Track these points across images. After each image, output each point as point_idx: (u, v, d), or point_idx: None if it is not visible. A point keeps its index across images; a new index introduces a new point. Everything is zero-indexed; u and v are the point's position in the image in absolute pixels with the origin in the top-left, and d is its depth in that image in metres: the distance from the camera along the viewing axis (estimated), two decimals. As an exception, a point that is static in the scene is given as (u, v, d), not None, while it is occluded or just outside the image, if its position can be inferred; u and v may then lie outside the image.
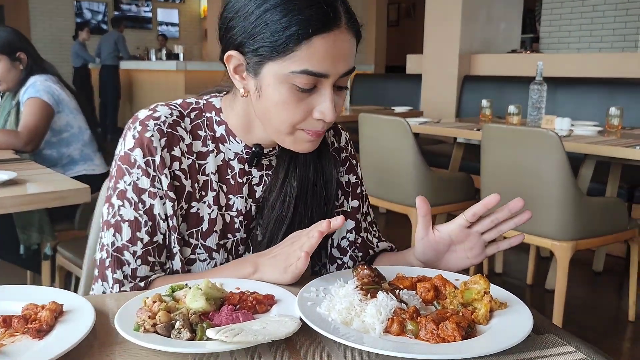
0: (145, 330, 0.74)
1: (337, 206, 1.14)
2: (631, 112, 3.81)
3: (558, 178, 2.44)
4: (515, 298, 0.85)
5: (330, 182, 1.10)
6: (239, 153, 1.05)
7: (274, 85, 0.90)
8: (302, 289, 0.87)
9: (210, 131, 1.04)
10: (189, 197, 1.02)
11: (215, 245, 1.05)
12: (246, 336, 0.70)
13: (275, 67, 0.89)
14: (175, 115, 1.02)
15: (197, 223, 1.04)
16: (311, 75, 0.88)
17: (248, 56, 0.92)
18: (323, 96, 0.91)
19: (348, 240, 1.14)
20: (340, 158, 1.15)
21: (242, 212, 1.06)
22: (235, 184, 1.05)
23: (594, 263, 3.49)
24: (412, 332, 0.75)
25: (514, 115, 3.32)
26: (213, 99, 1.06)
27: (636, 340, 2.66)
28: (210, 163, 1.04)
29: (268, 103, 0.93)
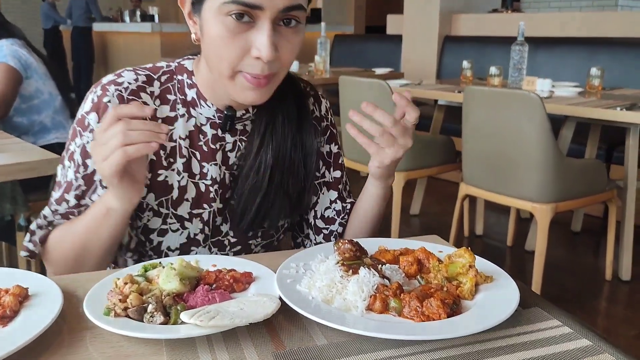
0: (116, 314, 0.71)
1: (319, 177, 1.10)
2: (611, 72, 3.80)
3: (539, 140, 2.43)
4: (500, 270, 0.83)
5: (310, 155, 1.05)
6: (211, 118, 1.00)
7: (211, 21, 0.86)
8: (282, 265, 0.84)
9: (181, 94, 1.00)
10: (152, 166, 0.98)
11: (187, 214, 1.01)
12: (222, 319, 0.67)
13: (211, 1, 0.86)
14: (141, 81, 0.98)
15: (166, 191, 1.00)
16: (241, 5, 0.82)
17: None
18: (260, 31, 0.85)
19: (334, 210, 1.11)
20: (321, 127, 1.10)
21: (217, 181, 1.02)
22: (208, 150, 1.01)
23: (573, 223, 3.52)
24: (396, 310, 0.73)
25: (495, 77, 3.28)
26: (186, 62, 1.02)
27: (613, 299, 2.71)
28: (180, 128, 0.99)
29: (208, 41, 0.89)
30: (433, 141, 3.23)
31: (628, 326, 2.45)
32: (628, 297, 2.72)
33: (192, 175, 1.01)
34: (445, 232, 3.06)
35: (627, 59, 3.91)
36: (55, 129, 2.61)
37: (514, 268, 3.12)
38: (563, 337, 0.70)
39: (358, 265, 0.80)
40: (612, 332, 2.41)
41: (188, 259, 0.84)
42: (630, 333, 2.40)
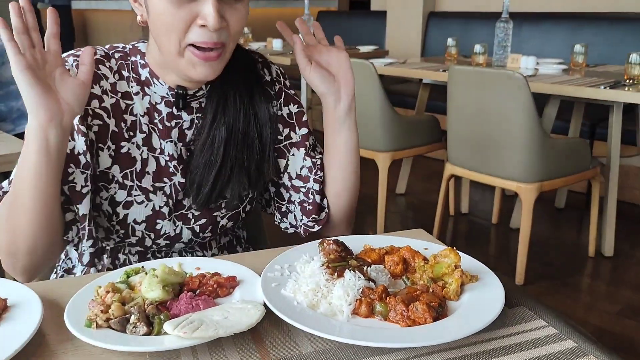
0: (98, 325, 0.70)
1: (282, 139, 1.10)
2: (596, 47, 3.80)
3: (523, 120, 2.43)
4: (486, 269, 0.83)
5: (265, 126, 1.04)
6: (165, 96, 1.01)
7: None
8: (266, 268, 0.83)
9: (134, 74, 1.01)
10: (115, 137, 0.99)
11: (151, 187, 1.02)
12: (206, 330, 0.66)
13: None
14: (100, 55, 1.00)
15: (130, 163, 1.00)
16: None
17: None
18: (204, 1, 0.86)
19: (306, 167, 1.10)
20: (274, 91, 1.09)
21: (175, 157, 1.02)
22: (163, 128, 1.02)
23: (556, 200, 3.55)
24: (381, 314, 0.72)
25: (480, 55, 3.26)
26: (139, 44, 1.03)
27: (596, 276, 2.75)
28: (138, 104, 1.01)
29: (154, 18, 0.90)
30: (418, 121, 3.22)
31: (611, 302, 2.49)
32: (610, 273, 2.76)
33: (152, 149, 1.02)
34: (431, 211, 3.07)
35: (611, 34, 3.91)
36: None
37: (499, 246, 3.15)
38: (548, 338, 0.70)
39: (343, 267, 0.79)
40: (595, 308, 2.45)
41: (170, 263, 0.83)
42: (613, 309, 2.44)
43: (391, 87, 4.40)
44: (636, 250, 2.98)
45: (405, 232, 1.03)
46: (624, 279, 2.70)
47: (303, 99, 4.39)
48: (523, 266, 2.62)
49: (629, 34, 3.84)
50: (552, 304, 2.47)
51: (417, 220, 3.47)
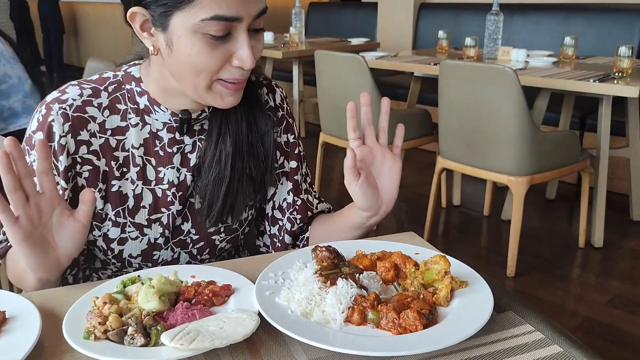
0: (96, 337, 0.71)
1: (277, 167, 1.10)
2: (585, 38, 3.82)
3: (514, 114, 2.45)
4: (475, 274, 0.84)
5: (266, 134, 1.04)
6: (168, 122, 1.00)
7: (186, 37, 0.85)
8: (260, 276, 0.85)
9: (132, 103, 0.99)
10: (105, 177, 0.98)
11: (145, 221, 1.01)
12: (202, 342, 0.68)
13: (184, 17, 0.83)
14: (87, 95, 0.97)
15: (121, 201, 1.00)
16: (223, 21, 0.83)
17: (152, 9, 0.85)
18: (239, 42, 0.86)
19: (286, 202, 1.11)
20: (277, 117, 1.10)
21: (175, 184, 1.02)
22: (164, 154, 1.01)
23: (547, 191, 3.59)
24: (374, 322, 0.74)
25: (471, 48, 3.27)
26: (132, 69, 1.00)
27: (585, 267, 2.79)
28: (132, 137, 0.99)
29: (181, 57, 0.87)
30: (410, 114, 3.23)
31: (600, 293, 2.53)
32: (600, 264, 2.80)
33: (147, 182, 1.00)
34: (423, 203, 3.10)
35: (600, 25, 3.93)
36: (26, 113, 2.55)
37: (491, 238, 3.18)
38: (535, 343, 0.72)
39: (336, 275, 0.81)
40: (584, 299, 2.49)
41: (166, 272, 0.84)
42: (602, 299, 2.48)
43: (382, 79, 4.41)
44: (625, 241, 3.02)
45: (396, 236, 1.05)
46: (613, 270, 2.74)
47: (295, 92, 4.40)
48: (514, 258, 2.66)
49: (618, 25, 3.87)
50: (542, 295, 2.52)
51: (410, 213, 3.50)
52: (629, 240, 3.02)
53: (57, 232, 0.84)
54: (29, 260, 0.83)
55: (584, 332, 2.26)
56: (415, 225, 3.22)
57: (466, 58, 3.28)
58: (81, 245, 0.87)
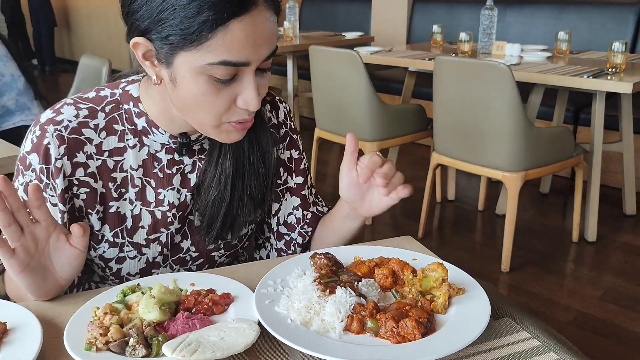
0: (98, 349, 0.72)
1: (281, 184, 1.09)
2: (579, 32, 3.83)
3: (508, 110, 2.46)
4: (472, 280, 0.85)
5: (267, 153, 1.02)
6: (166, 143, 0.98)
7: (190, 77, 0.82)
8: (259, 284, 0.85)
9: (129, 124, 0.96)
10: (103, 199, 0.96)
11: (144, 241, 1.00)
12: (204, 353, 0.68)
13: (190, 58, 0.80)
14: (83, 116, 0.94)
15: (119, 222, 0.98)
16: (231, 66, 0.80)
17: (157, 44, 0.82)
18: (245, 84, 0.83)
19: (295, 217, 1.11)
20: (280, 134, 1.08)
21: (175, 205, 1.00)
22: (164, 176, 0.99)
23: (541, 185, 3.61)
24: (372, 331, 0.75)
25: (465, 43, 3.27)
26: (130, 87, 0.97)
27: (579, 261, 2.82)
28: (130, 159, 0.96)
29: (185, 95, 0.84)
30: (405, 110, 3.24)
31: (593, 287, 2.56)
32: (593, 259, 2.83)
33: (146, 204, 0.99)
34: (418, 198, 3.11)
35: (594, 20, 3.94)
36: (20, 110, 2.54)
37: (485, 232, 3.20)
38: (532, 351, 0.73)
39: (335, 283, 0.82)
40: (578, 294, 2.51)
41: (166, 281, 0.85)
42: (595, 294, 2.50)
43: (377, 73, 4.41)
44: (618, 235, 3.05)
45: (394, 240, 1.05)
46: (606, 264, 2.76)
47: (289, 86, 4.39)
48: (509, 253, 2.68)
49: (612, 20, 3.88)
50: (536, 290, 2.54)
51: (405, 207, 3.51)
52: (622, 235, 3.05)
53: (54, 257, 0.84)
54: (29, 288, 0.84)
55: (577, 327, 2.29)
56: (410, 220, 3.23)
57: (460, 53, 3.29)
58: (80, 268, 0.88)
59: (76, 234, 0.84)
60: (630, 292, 2.51)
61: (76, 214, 0.96)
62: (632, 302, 2.43)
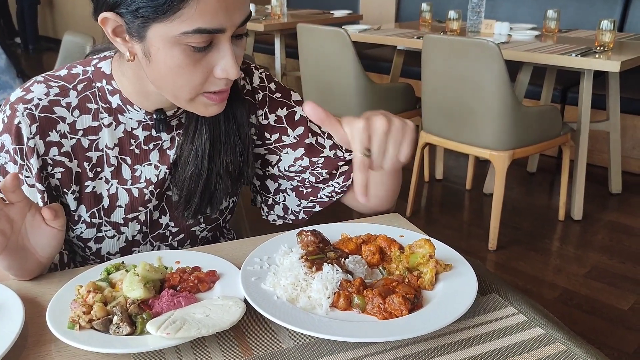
0: (81, 327, 0.71)
1: (272, 142, 1.05)
2: (568, 10, 3.81)
3: (496, 89, 2.45)
4: (458, 256, 0.85)
5: (242, 125, 0.99)
6: (143, 120, 0.95)
7: (165, 49, 0.79)
8: (245, 261, 0.84)
9: (103, 102, 0.94)
10: (78, 178, 0.94)
11: (122, 220, 0.99)
12: (189, 330, 0.68)
13: (163, 29, 0.77)
14: (54, 94, 0.91)
15: (96, 202, 0.96)
16: (206, 34, 0.78)
17: (127, 18, 0.79)
18: (222, 52, 0.81)
19: (301, 166, 1.06)
20: (257, 100, 1.04)
21: (152, 182, 0.98)
22: (141, 152, 0.96)
23: (529, 164, 3.62)
24: (359, 307, 0.75)
25: (454, 21, 3.25)
26: (102, 63, 0.94)
27: (565, 239, 2.84)
28: (106, 137, 0.94)
29: (161, 68, 0.82)
30: (393, 89, 3.22)
31: (578, 265, 2.58)
32: (579, 237, 2.85)
33: (122, 182, 0.97)
34: (406, 177, 3.10)
35: (583, -2, 3.93)
36: (2, 89, 2.51)
37: (473, 211, 3.21)
38: (518, 326, 0.74)
39: (321, 260, 0.81)
40: (563, 271, 2.54)
41: (151, 259, 0.84)
42: (580, 271, 2.53)
43: (365, 52, 4.37)
44: (604, 213, 3.07)
45: (381, 218, 1.05)
46: (591, 242, 2.79)
47: (277, 65, 4.35)
48: (496, 232, 2.69)
49: (601, -2, 3.86)
50: (522, 267, 2.56)
51: (393, 187, 3.51)
52: (608, 213, 3.08)
53: (32, 237, 0.82)
54: (10, 269, 0.83)
55: (562, 303, 2.31)
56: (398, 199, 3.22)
57: (449, 31, 3.27)
58: (59, 246, 0.86)
59: (48, 218, 0.81)
60: (615, 270, 2.54)
61: (53, 193, 0.94)
62: (617, 279, 2.46)
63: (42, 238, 0.83)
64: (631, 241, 2.78)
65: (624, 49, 2.79)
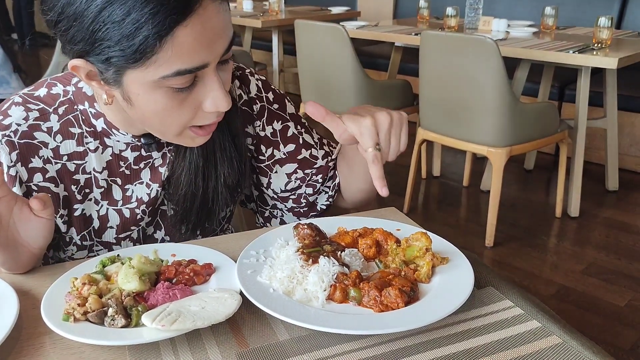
0: (76, 319, 0.70)
1: (266, 160, 1.03)
2: (566, 7, 3.81)
3: (494, 85, 2.45)
4: (455, 250, 0.85)
5: (237, 136, 0.95)
6: (131, 142, 0.92)
7: (146, 94, 0.75)
8: (242, 254, 0.84)
9: (87, 127, 0.90)
10: (67, 202, 0.92)
11: (114, 239, 0.97)
12: (184, 323, 0.67)
13: (140, 74, 0.72)
14: (33, 118, 0.87)
15: (86, 224, 0.94)
16: (188, 74, 0.73)
17: (99, 66, 0.74)
18: (209, 85, 0.76)
19: (296, 180, 1.04)
20: (255, 110, 1.00)
21: (144, 200, 0.95)
22: (131, 172, 0.93)
23: (526, 161, 3.62)
24: (355, 299, 0.74)
25: (452, 18, 3.25)
26: (83, 83, 0.89)
27: (562, 236, 2.84)
28: (93, 161, 0.91)
29: (144, 112, 0.77)
30: (391, 85, 3.22)
31: (575, 261, 2.59)
32: (576, 233, 2.86)
33: (113, 203, 0.94)
34: (404, 174, 3.11)
35: (581, -5, 3.92)
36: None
37: (470, 208, 3.21)
38: (515, 319, 0.73)
39: (318, 253, 0.81)
40: (560, 268, 2.54)
41: (147, 251, 0.83)
42: (577, 268, 2.53)
43: (363, 49, 4.37)
44: (600, 210, 3.08)
45: (378, 212, 1.05)
46: (588, 239, 2.79)
47: (275, 62, 4.34)
48: (493, 228, 2.69)
49: (599, -5, 3.86)
50: (519, 264, 2.56)
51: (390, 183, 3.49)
52: (604, 210, 3.08)
53: (21, 229, 0.80)
54: (4, 263, 0.82)
55: (559, 300, 2.31)
56: (396, 196, 3.23)
57: (447, 28, 3.26)
58: (50, 236, 0.84)
59: (36, 208, 0.78)
60: (611, 266, 2.54)
61: None
62: (613, 275, 2.47)
63: (32, 229, 0.81)
64: (628, 238, 2.79)
65: (622, 46, 2.79)
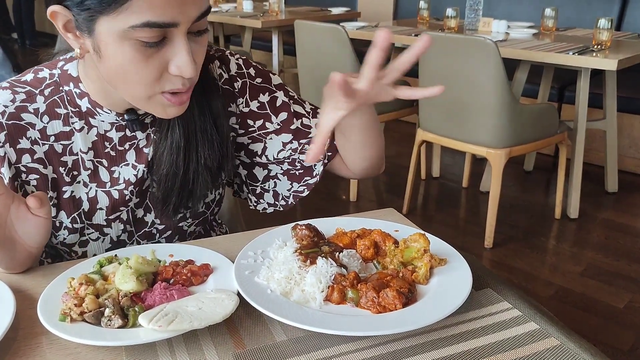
0: (72, 319, 0.70)
1: (256, 129, 1.02)
2: (565, 9, 3.81)
3: (494, 86, 2.45)
4: (454, 251, 0.85)
5: (219, 118, 0.95)
6: (115, 122, 0.93)
7: (114, 44, 0.75)
8: (239, 255, 0.84)
9: (73, 107, 0.91)
10: (55, 184, 0.93)
11: (104, 221, 0.98)
12: (181, 323, 0.67)
13: (111, 22, 0.73)
14: (20, 100, 0.89)
15: (75, 207, 0.95)
16: (156, 28, 0.73)
17: (74, 11, 0.75)
18: (177, 48, 0.76)
19: (291, 149, 1.03)
20: (236, 88, 1.00)
21: (132, 182, 0.96)
22: (117, 154, 0.94)
23: (525, 162, 3.62)
24: (353, 300, 0.74)
25: (452, 19, 3.25)
26: (68, 66, 0.91)
27: (561, 237, 2.84)
28: (79, 142, 0.92)
29: (111, 65, 0.78)
30: (390, 86, 3.21)
31: (574, 263, 2.59)
32: (575, 235, 2.85)
33: (101, 185, 0.95)
34: (403, 175, 3.11)
35: (580, -4, 3.92)
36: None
37: (469, 209, 3.21)
38: (512, 320, 0.73)
39: (316, 253, 0.81)
40: (559, 269, 2.54)
41: (144, 252, 0.83)
42: (576, 269, 2.53)
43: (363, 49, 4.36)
44: (600, 212, 3.07)
45: (376, 212, 1.04)
46: (587, 240, 2.79)
47: (275, 62, 4.34)
48: (492, 229, 2.69)
49: (599, -4, 3.86)
50: (518, 265, 2.56)
51: (389, 184, 3.51)
52: (604, 211, 3.08)
53: (19, 227, 0.81)
54: (2, 263, 0.82)
55: (557, 301, 2.31)
56: (395, 197, 3.23)
57: (447, 29, 3.26)
58: (48, 234, 0.84)
59: (33, 206, 0.79)
60: (610, 268, 2.54)
61: None
62: (612, 277, 2.47)
63: (29, 228, 0.81)
64: (627, 240, 2.79)
65: (621, 48, 2.79)
